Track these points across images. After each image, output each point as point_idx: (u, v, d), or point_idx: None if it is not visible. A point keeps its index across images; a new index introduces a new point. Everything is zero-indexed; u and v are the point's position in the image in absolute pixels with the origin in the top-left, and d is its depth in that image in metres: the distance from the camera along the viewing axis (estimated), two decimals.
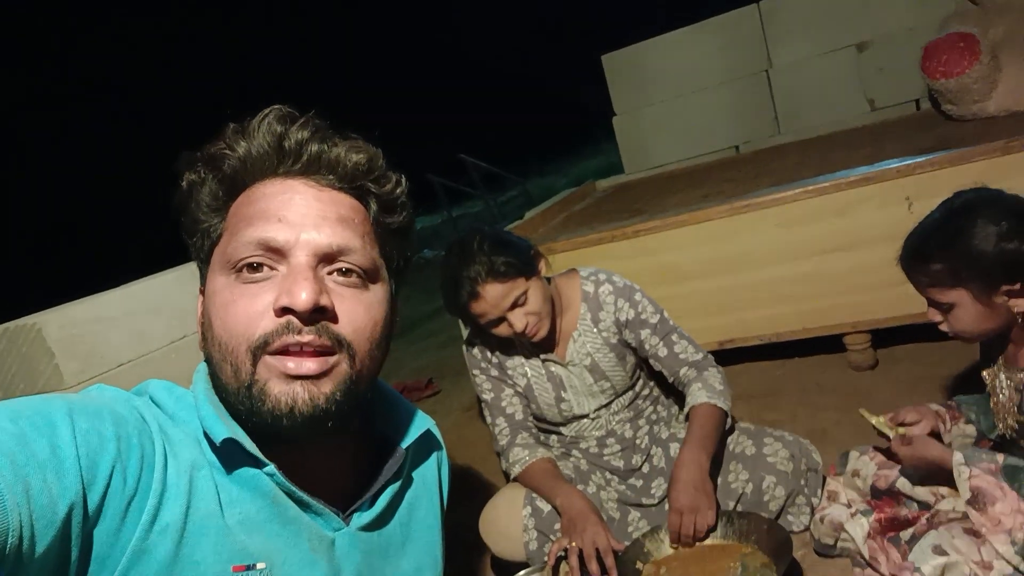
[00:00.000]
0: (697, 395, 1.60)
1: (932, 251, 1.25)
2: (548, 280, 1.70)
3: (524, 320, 1.56)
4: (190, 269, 1.77)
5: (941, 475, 1.31)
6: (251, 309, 0.67)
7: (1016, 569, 1.14)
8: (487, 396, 1.76)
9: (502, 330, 1.59)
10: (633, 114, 4.56)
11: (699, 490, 1.43)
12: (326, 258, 0.69)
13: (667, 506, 1.47)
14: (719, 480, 1.64)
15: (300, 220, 0.69)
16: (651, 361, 1.73)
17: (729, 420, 1.63)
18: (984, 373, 1.40)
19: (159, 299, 1.71)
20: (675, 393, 1.81)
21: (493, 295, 1.53)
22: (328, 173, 0.72)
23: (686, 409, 1.62)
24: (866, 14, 3.86)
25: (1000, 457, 1.21)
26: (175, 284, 1.75)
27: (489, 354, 1.77)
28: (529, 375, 1.75)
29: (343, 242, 0.70)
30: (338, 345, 0.68)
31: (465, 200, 11.28)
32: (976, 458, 1.22)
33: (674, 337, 1.71)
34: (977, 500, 1.19)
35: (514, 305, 1.55)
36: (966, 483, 1.21)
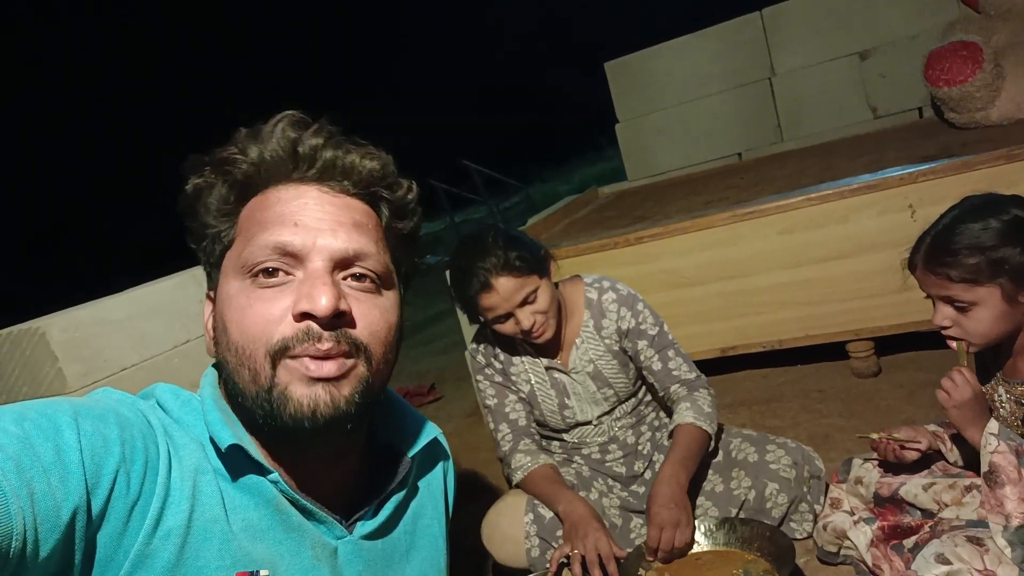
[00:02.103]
0: (684, 415, 1.60)
1: (966, 244, 1.21)
2: (555, 285, 1.70)
3: (532, 318, 1.56)
4: (193, 273, 1.77)
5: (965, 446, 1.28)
6: (269, 314, 0.67)
7: (1005, 554, 1.14)
8: (490, 402, 1.76)
9: (508, 327, 1.59)
10: (636, 121, 4.56)
11: (678, 506, 1.42)
12: (342, 263, 0.70)
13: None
14: (721, 487, 1.64)
15: (316, 225, 0.69)
16: (644, 373, 1.73)
17: (712, 442, 1.63)
18: (983, 389, 1.39)
19: (163, 303, 1.71)
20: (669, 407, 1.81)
21: (506, 289, 1.53)
22: (342, 179, 0.72)
23: (671, 427, 1.62)
24: (869, 22, 3.86)
25: None
26: (179, 288, 1.76)
27: (493, 360, 1.77)
28: (533, 381, 1.75)
29: (359, 247, 0.70)
30: (356, 349, 0.68)
31: (468, 206, 11.30)
32: (1006, 434, 1.21)
33: (670, 352, 1.70)
34: (991, 476, 1.18)
35: (524, 302, 1.55)
36: (988, 455, 1.19)
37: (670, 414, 1.76)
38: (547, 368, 1.74)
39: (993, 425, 1.21)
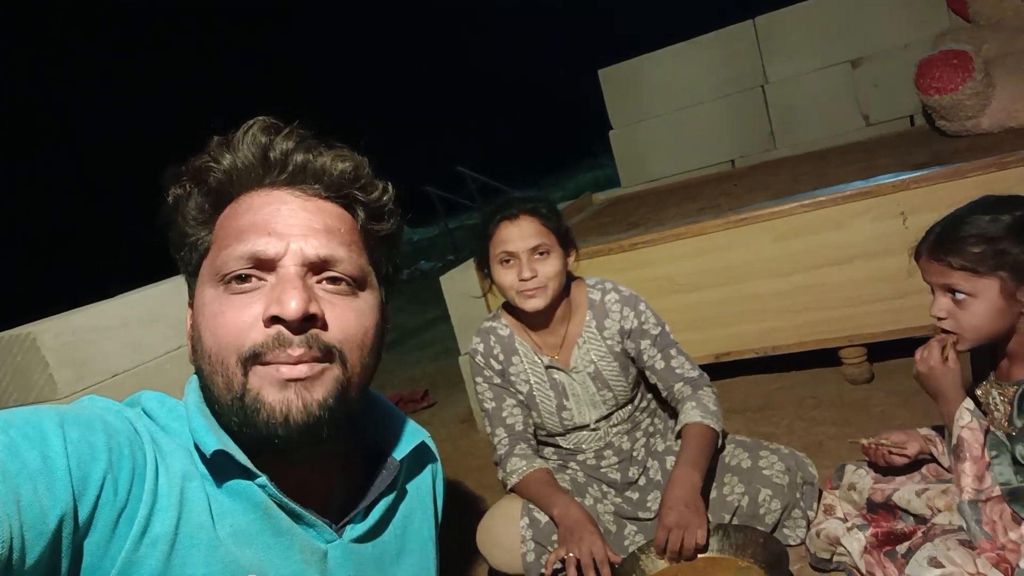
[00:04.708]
0: (691, 414, 1.60)
1: (973, 233, 1.22)
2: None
3: (534, 270, 1.59)
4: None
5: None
6: (240, 320, 0.66)
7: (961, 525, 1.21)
8: (488, 405, 1.75)
9: (509, 274, 1.62)
10: (630, 128, 4.58)
11: (689, 507, 1.42)
12: (314, 268, 0.69)
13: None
14: (714, 493, 1.64)
15: (288, 231, 0.69)
16: (647, 373, 1.74)
17: (720, 440, 1.63)
18: (977, 392, 1.40)
19: (154, 309, 1.71)
20: (672, 406, 1.81)
21: (526, 227, 1.59)
22: (314, 183, 0.71)
23: (678, 427, 1.62)
24: (861, 30, 3.90)
25: (999, 433, 1.24)
26: (170, 294, 1.75)
27: (492, 360, 1.76)
28: (532, 382, 1.75)
29: (331, 252, 0.70)
30: (328, 354, 0.68)
31: (462, 212, 11.30)
32: (980, 414, 1.25)
33: (672, 351, 1.72)
34: (957, 449, 1.23)
35: (535, 251, 1.59)
36: (959, 429, 1.24)
37: (674, 414, 1.76)
38: (547, 367, 1.74)
39: (970, 403, 1.25)
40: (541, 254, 1.60)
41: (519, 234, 1.59)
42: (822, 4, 4.00)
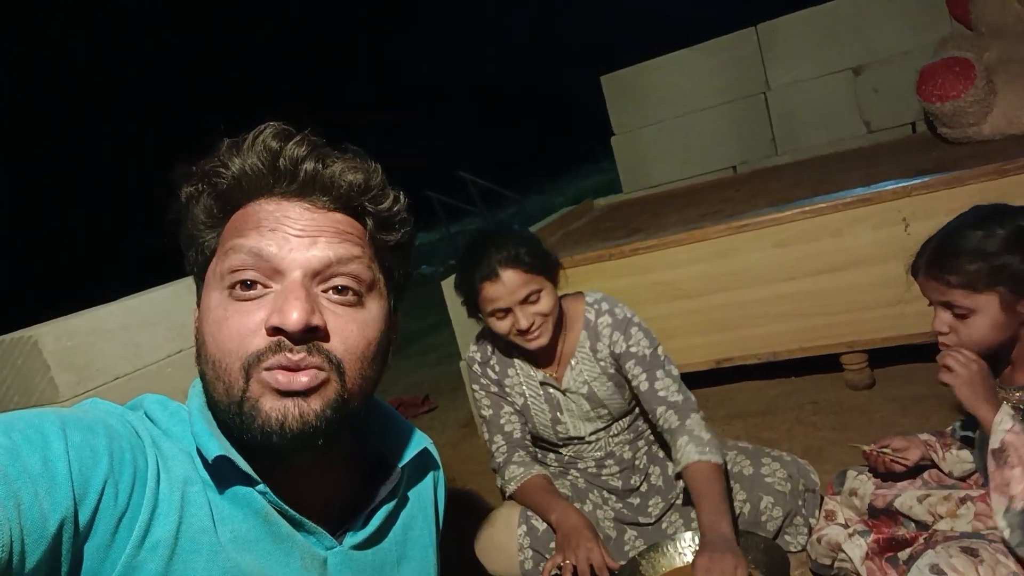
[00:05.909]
0: (687, 453, 1.50)
1: (968, 250, 1.21)
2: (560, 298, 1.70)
3: (531, 319, 1.56)
4: (187, 283, 1.76)
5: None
6: (243, 326, 0.66)
7: (1002, 536, 1.13)
8: (486, 412, 1.75)
9: (504, 325, 1.58)
10: (632, 134, 4.58)
11: (724, 554, 1.31)
12: (319, 275, 0.69)
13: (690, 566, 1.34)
14: None
15: (294, 240, 0.68)
16: (635, 393, 1.69)
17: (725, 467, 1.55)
18: None
19: (156, 313, 1.71)
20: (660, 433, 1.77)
21: (511, 282, 1.53)
22: (323, 195, 0.71)
23: (678, 467, 1.53)
24: (863, 37, 3.90)
25: None
26: (172, 298, 1.75)
27: (488, 370, 1.76)
28: (527, 394, 1.74)
29: (337, 259, 0.69)
30: (328, 364, 0.67)
31: (463, 216, 11.30)
32: (1020, 419, 1.19)
33: (658, 373, 1.64)
34: (1001, 453, 1.15)
35: (526, 300, 1.55)
36: (1003, 433, 1.16)
37: (661, 439, 1.74)
38: (542, 383, 1.73)
39: (1007, 407, 1.20)
40: (532, 300, 1.56)
41: (505, 291, 1.53)
42: (824, 11, 4.01)
